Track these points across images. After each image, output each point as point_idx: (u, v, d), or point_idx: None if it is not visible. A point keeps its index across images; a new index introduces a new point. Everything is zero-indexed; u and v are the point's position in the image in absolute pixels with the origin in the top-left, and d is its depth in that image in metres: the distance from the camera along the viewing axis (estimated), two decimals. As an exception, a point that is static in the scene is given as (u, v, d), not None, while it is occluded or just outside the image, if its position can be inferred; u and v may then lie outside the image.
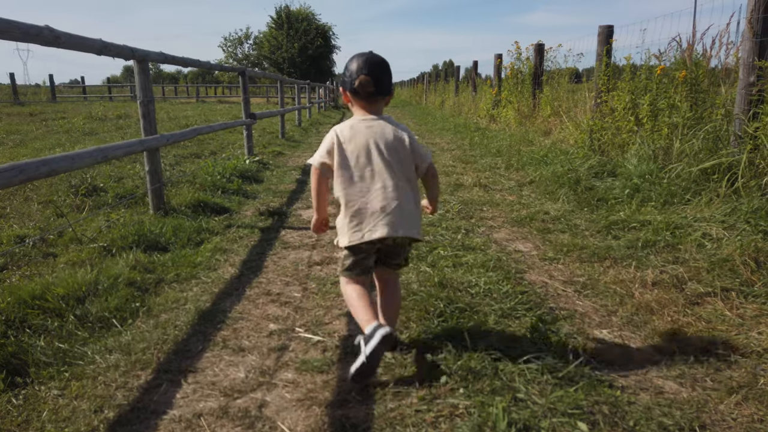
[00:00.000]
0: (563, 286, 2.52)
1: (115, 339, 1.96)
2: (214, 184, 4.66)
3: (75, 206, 4.07)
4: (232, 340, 1.96)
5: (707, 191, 3.78)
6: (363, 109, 1.85)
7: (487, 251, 3.00)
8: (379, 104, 1.86)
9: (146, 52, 3.53)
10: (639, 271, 2.70)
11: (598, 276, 2.66)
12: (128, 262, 2.66)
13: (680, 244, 3.05)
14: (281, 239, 3.34)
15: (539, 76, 9.06)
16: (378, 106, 1.86)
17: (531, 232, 3.49)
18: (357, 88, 1.79)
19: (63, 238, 3.18)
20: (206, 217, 3.77)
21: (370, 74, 1.78)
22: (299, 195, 4.77)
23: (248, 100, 6.45)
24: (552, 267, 2.83)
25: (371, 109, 1.85)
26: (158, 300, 2.34)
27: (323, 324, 2.10)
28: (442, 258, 2.80)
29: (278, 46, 36.40)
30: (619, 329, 2.07)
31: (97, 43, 2.92)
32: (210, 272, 2.72)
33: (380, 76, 1.80)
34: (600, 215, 3.81)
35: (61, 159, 2.49)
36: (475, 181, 5.18)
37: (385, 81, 1.82)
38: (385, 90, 1.83)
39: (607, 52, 6.23)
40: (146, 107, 3.55)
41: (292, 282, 2.59)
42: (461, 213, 3.91)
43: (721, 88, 4.70)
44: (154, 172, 3.62)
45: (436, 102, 19.76)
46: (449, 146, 8.43)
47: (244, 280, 2.61)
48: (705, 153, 4.12)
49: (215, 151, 7.51)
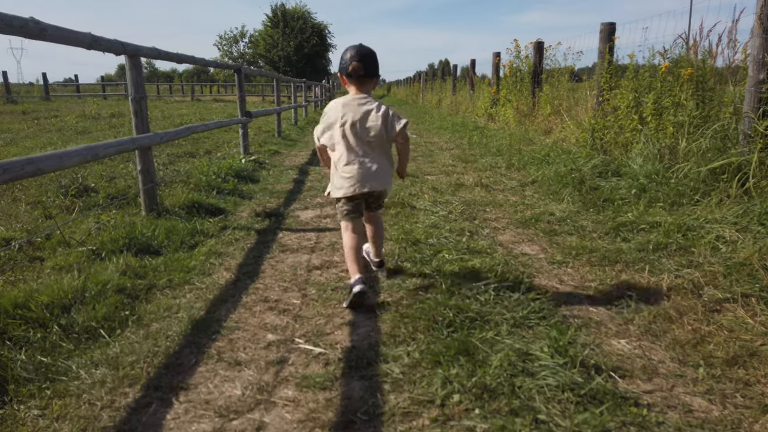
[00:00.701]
0: (575, 292, 2.41)
1: (102, 351, 1.83)
2: (209, 184, 4.53)
3: (64, 207, 3.93)
4: (228, 353, 1.84)
5: (717, 192, 3.68)
6: (356, 88, 2.35)
7: (494, 254, 2.89)
8: (368, 85, 2.37)
9: (138, 47, 3.40)
10: (652, 275, 2.59)
11: (610, 281, 2.55)
12: (118, 267, 2.53)
13: (693, 246, 2.94)
14: (279, 242, 3.22)
15: (539, 74, 8.95)
16: (368, 86, 2.37)
17: (537, 234, 3.37)
18: (351, 72, 2.30)
19: (51, 241, 3.04)
20: (201, 218, 3.64)
21: (361, 61, 2.30)
22: (296, 195, 4.65)
23: (244, 98, 6.32)
24: (561, 271, 2.71)
25: (362, 88, 2.35)
26: (149, 308, 2.21)
27: (324, 334, 1.97)
28: (448, 262, 2.68)
29: (274, 45, 36.20)
30: (638, 339, 1.96)
31: (86, 37, 2.79)
32: (204, 277, 2.59)
33: (369, 62, 2.32)
34: (607, 216, 3.70)
35: (48, 158, 2.36)
36: (476, 181, 5.06)
37: (372, 66, 2.34)
38: (373, 73, 2.35)
39: (610, 50, 6.13)
40: (138, 104, 3.41)
41: (290, 288, 2.47)
42: (464, 214, 3.80)
43: (728, 86, 4.61)
44: (147, 171, 3.48)
45: (433, 101, 19.65)
46: (448, 145, 8.32)
47: (241, 286, 2.48)
48: (713, 152, 4.02)
49: (210, 150, 7.37)
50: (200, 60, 4.80)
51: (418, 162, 6.50)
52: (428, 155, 7.16)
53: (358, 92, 2.33)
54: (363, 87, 2.34)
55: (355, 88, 2.34)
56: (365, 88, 2.35)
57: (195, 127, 4.40)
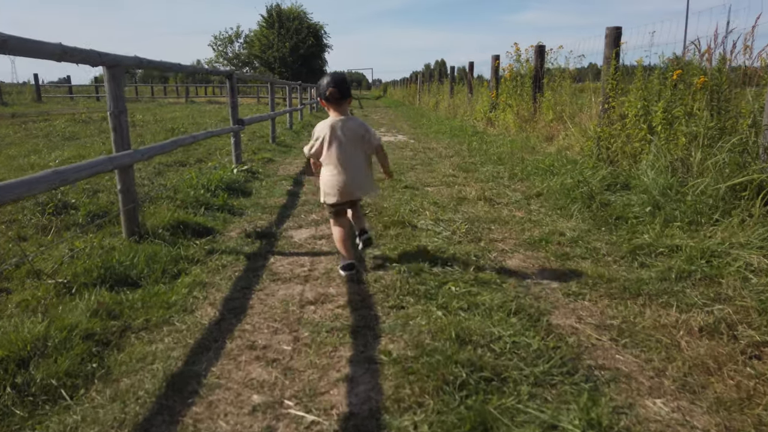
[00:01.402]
0: (597, 334, 2.17)
1: (60, 420, 1.58)
2: (197, 199, 4.27)
3: (41, 227, 3.67)
4: (206, 422, 1.59)
5: (738, 210, 3.45)
6: (335, 110, 2.82)
7: (504, 285, 2.65)
8: (344, 105, 2.84)
9: (118, 57, 3.14)
10: (681, 312, 2.35)
11: (634, 318, 2.31)
12: (89, 305, 2.27)
13: (720, 276, 2.71)
14: (269, 269, 2.97)
15: (540, 79, 8.72)
16: (344, 106, 2.84)
17: (548, 259, 3.13)
18: (329, 96, 2.78)
19: (21, 270, 2.79)
20: (186, 240, 3.39)
21: (336, 86, 2.78)
22: (290, 210, 4.40)
23: (236, 105, 6.06)
24: (579, 305, 2.47)
25: (340, 109, 2.83)
26: (121, 357, 1.96)
27: (318, 394, 1.73)
28: (455, 297, 2.44)
29: (269, 46, 35.87)
30: (675, 398, 1.72)
31: (56, 48, 2.53)
32: (186, 315, 2.34)
33: (342, 86, 2.80)
34: (621, 237, 3.47)
35: (9, 187, 2.11)
36: (479, 194, 4.82)
37: (345, 89, 2.82)
38: (346, 94, 2.83)
39: (616, 55, 5.90)
40: (117, 119, 3.15)
41: (280, 329, 2.22)
42: (468, 234, 3.56)
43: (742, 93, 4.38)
44: (127, 191, 3.23)
45: (431, 103, 19.41)
46: (447, 152, 8.07)
47: (225, 327, 2.23)
48: (732, 167, 3.79)
49: (202, 159, 7.11)
50: (188, 67, 4.53)
51: (418, 172, 6.26)
52: (427, 163, 6.92)
53: (338, 113, 2.82)
54: (340, 108, 2.82)
55: (334, 110, 2.82)
56: (342, 109, 2.83)
57: (182, 140, 4.14)
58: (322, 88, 2.79)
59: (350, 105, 2.92)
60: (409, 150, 8.46)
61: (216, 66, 39.83)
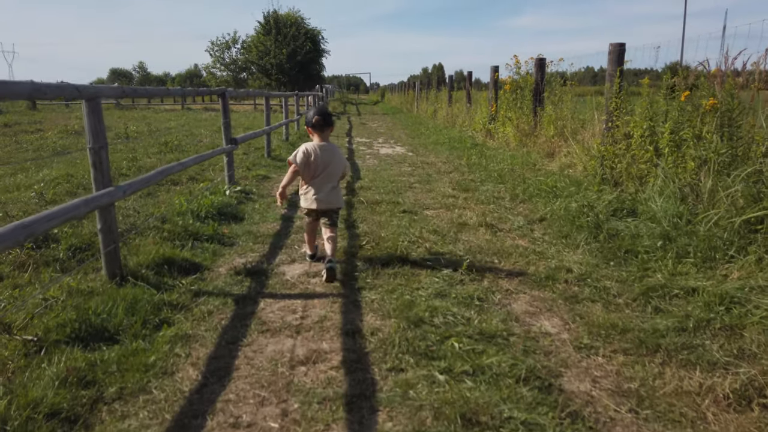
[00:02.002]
0: (614, 404, 1.98)
1: None
2: (185, 229, 4.08)
3: (18, 264, 3.47)
4: None
5: (754, 247, 3.27)
6: (318, 136, 3.41)
7: (510, 339, 2.46)
8: (327, 132, 3.44)
9: (97, 88, 2.95)
10: (703, 373, 2.17)
11: (653, 381, 2.13)
12: (58, 372, 2.08)
13: (741, 326, 2.53)
14: (258, 316, 2.77)
15: (540, 92, 8.56)
16: (326, 133, 3.44)
17: (555, 301, 2.95)
18: (315, 124, 3.38)
19: (-10, 320, 2.59)
20: (172, 278, 3.20)
21: (321, 116, 3.39)
22: (283, 240, 4.20)
23: (229, 125, 5.86)
24: (592, 363, 2.29)
25: (323, 136, 3.42)
26: (89, 440, 1.76)
27: (307, 492, 1.53)
28: (459, 357, 2.25)
29: (266, 52, 35.66)
30: (708, 494, 1.54)
31: (25, 87, 2.34)
32: (165, 380, 2.14)
33: (326, 116, 3.43)
34: (631, 273, 3.28)
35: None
36: (480, 220, 4.64)
37: (329, 118, 3.45)
38: (329, 123, 3.45)
39: (620, 73, 5.74)
40: (98, 155, 2.96)
41: (268, 399, 2.03)
42: (471, 272, 3.37)
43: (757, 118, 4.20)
44: (108, 230, 3.03)
45: (428, 111, 19.25)
46: (446, 167, 7.89)
47: (207, 397, 2.04)
48: (746, 199, 3.61)
49: (194, 177, 6.91)
50: (176, 90, 4.34)
51: (416, 191, 6.07)
52: (426, 181, 6.73)
53: (321, 139, 3.41)
54: (323, 134, 3.42)
55: (318, 135, 3.41)
56: (324, 135, 3.43)
57: (169, 169, 3.94)
58: (309, 117, 3.43)
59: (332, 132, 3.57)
60: (407, 165, 8.28)
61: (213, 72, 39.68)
